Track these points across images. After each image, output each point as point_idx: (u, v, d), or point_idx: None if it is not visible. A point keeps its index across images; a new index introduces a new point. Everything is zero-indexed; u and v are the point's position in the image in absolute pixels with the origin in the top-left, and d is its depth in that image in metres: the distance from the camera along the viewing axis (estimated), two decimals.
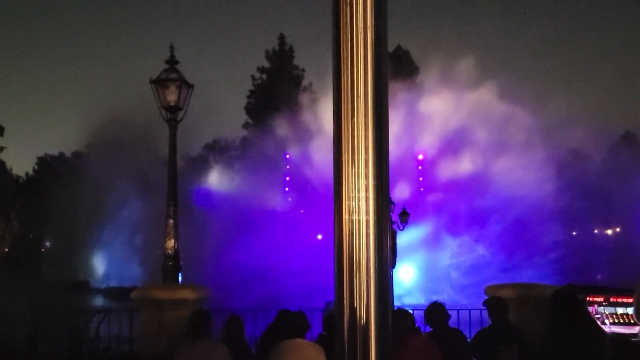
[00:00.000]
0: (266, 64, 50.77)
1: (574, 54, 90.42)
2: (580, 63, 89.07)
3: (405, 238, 26.79)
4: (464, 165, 32.77)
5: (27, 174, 60.90)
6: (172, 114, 10.85)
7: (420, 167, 35.01)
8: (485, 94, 33.29)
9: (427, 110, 33.81)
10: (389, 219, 1.87)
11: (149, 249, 30.26)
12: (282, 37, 51.22)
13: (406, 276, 31.02)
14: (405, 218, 26.82)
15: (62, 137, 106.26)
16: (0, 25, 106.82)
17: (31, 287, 23.28)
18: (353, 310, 1.77)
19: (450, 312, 7.06)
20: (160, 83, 10.83)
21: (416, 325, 6.44)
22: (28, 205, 43.84)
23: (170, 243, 10.75)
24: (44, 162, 60.37)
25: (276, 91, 42.40)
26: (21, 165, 75.42)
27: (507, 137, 32.79)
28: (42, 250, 48.03)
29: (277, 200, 36.01)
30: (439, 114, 33.80)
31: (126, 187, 36.34)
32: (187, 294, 8.17)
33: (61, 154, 58.05)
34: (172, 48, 11.11)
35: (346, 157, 1.80)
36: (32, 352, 9.23)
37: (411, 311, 6.55)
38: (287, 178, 38.10)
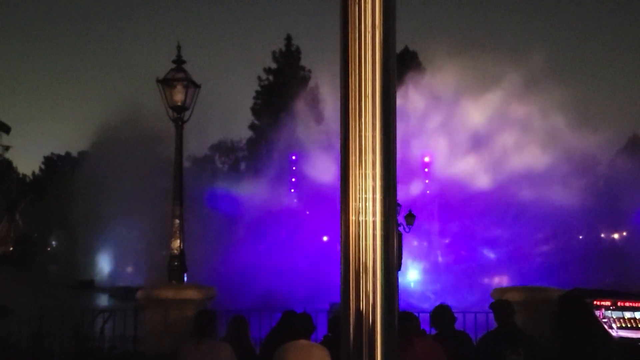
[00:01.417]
0: (273, 65, 50.80)
1: (580, 58, 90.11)
2: (587, 67, 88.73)
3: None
4: (469, 168, 32.66)
5: (33, 173, 61.23)
6: (179, 114, 10.84)
7: (426, 170, 34.88)
8: (497, 95, 33.16)
9: (433, 111, 33.73)
10: (395, 220, 1.86)
11: (154, 249, 30.27)
12: (289, 38, 51.29)
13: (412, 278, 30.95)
14: (411, 220, 26.76)
15: (69, 137, 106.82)
16: (8, 25, 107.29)
17: (36, 285, 23.33)
18: (359, 312, 1.76)
19: (456, 314, 7.03)
20: (167, 82, 10.83)
21: (422, 328, 6.42)
22: (34, 204, 44.04)
23: (176, 243, 10.76)
24: (50, 161, 60.62)
25: (283, 92, 42.39)
26: (28, 164, 75.73)
27: (515, 139, 32.66)
28: (48, 249, 48.14)
29: (283, 201, 35.94)
30: (446, 115, 33.72)
31: (132, 187, 36.35)
32: (193, 294, 8.16)
33: (67, 154, 58.22)
34: (179, 48, 11.12)
35: (353, 158, 1.79)
36: (37, 351, 9.23)
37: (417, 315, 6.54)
38: (293, 179, 38.05)
